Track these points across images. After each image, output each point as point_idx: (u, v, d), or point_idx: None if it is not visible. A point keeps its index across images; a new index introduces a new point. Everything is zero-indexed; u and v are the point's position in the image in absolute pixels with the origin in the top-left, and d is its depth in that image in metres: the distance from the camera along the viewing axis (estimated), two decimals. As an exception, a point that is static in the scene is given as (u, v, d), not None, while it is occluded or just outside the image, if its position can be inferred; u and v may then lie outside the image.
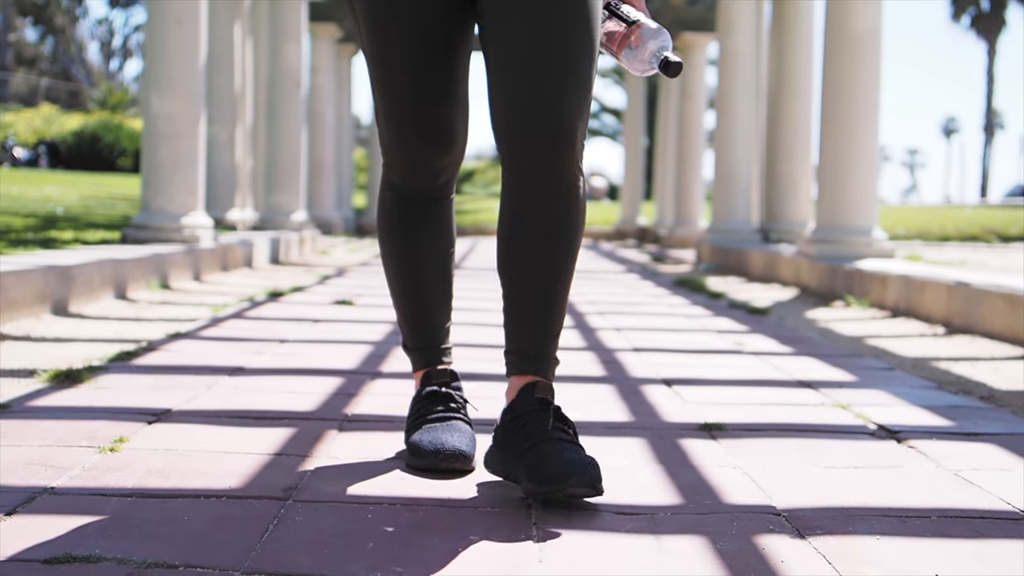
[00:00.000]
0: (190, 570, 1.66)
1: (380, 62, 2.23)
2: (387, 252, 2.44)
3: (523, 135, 2.11)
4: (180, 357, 3.91)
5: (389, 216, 2.40)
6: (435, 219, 2.40)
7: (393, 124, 2.26)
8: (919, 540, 1.94)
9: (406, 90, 2.22)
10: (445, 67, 2.23)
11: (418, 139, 2.26)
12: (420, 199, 2.37)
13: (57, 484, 2.14)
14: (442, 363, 2.46)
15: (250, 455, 2.43)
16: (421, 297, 2.43)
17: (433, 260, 2.42)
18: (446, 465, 2.26)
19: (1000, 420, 3.09)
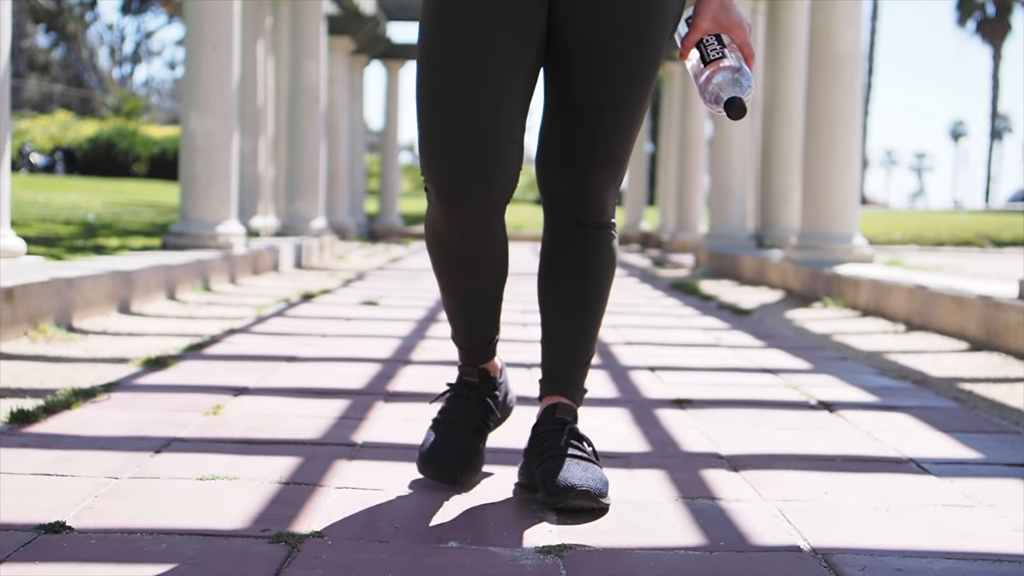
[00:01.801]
0: (293, 486, 2.37)
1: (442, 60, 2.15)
2: (435, 253, 2.38)
3: (565, 202, 2.34)
4: (240, 348, 4.62)
5: (433, 226, 2.31)
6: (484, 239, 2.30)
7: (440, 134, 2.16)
8: (822, 473, 2.65)
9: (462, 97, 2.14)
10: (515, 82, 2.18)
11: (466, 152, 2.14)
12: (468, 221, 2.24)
13: (182, 435, 2.85)
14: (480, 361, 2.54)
15: (320, 418, 3.14)
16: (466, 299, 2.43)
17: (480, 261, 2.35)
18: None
19: (920, 397, 3.80)
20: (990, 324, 5.21)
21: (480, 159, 2.13)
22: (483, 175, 2.14)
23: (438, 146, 2.15)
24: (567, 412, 2.39)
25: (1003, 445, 3.02)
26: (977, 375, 4.45)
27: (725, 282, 10.33)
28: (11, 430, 2.84)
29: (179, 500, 2.24)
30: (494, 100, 2.13)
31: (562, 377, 2.41)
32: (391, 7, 20.21)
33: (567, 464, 2.26)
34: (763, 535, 2.13)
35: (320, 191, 13.14)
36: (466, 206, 2.18)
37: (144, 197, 22.75)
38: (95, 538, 1.98)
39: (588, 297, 2.39)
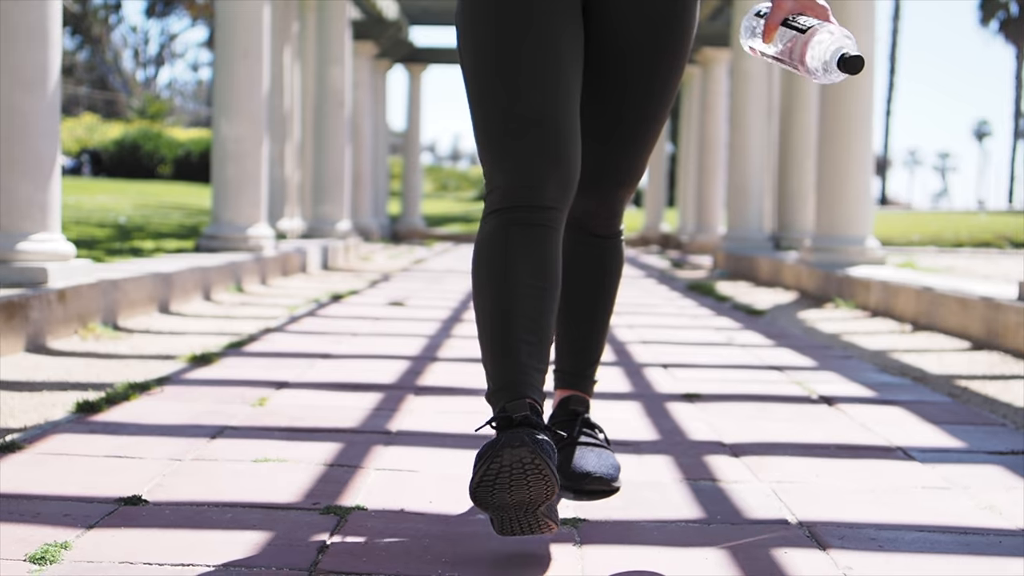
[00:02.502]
0: (337, 468, 2.65)
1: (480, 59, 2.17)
2: (479, 283, 2.17)
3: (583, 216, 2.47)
4: (277, 346, 4.91)
5: (485, 241, 2.15)
6: (535, 244, 2.12)
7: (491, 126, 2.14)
8: (815, 459, 2.91)
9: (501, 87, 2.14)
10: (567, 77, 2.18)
11: (526, 133, 2.11)
12: (522, 222, 2.11)
13: (232, 424, 3.13)
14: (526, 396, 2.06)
15: (356, 409, 3.41)
16: (509, 325, 2.11)
17: (528, 285, 2.12)
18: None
19: (916, 393, 4.05)
20: (991, 324, 5.46)
21: (555, 137, 2.11)
22: (558, 154, 2.12)
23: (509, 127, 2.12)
24: (580, 403, 2.59)
25: (987, 436, 3.27)
26: (974, 372, 4.70)
27: (741, 283, 10.57)
28: (78, 419, 3.13)
29: (238, 479, 2.52)
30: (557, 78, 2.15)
31: (576, 373, 2.60)
32: (413, 12, 20.51)
33: (582, 452, 2.45)
34: (756, 510, 2.39)
35: (345, 194, 13.43)
36: (539, 192, 2.11)
37: (171, 199, 23.11)
38: (168, 509, 2.26)
39: (601, 303, 2.57)
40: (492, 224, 2.14)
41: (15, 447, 2.73)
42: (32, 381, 3.84)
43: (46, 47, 4.96)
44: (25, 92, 4.90)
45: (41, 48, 4.93)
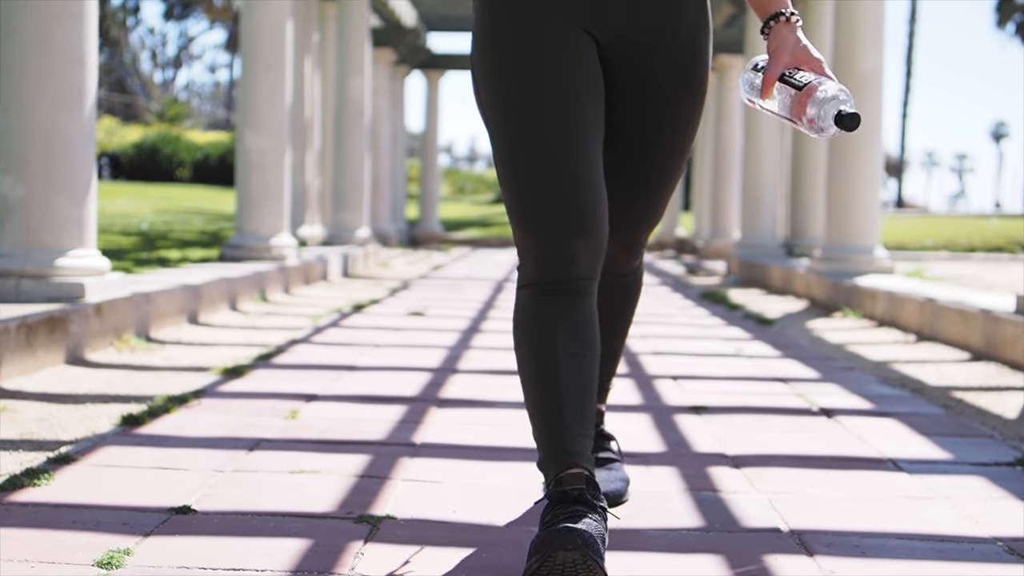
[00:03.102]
0: (367, 478, 2.87)
1: (508, 144, 2.22)
2: (522, 357, 2.26)
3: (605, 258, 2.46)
4: (304, 358, 5.14)
5: (524, 316, 2.25)
6: (572, 314, 2.21)
7: (522, 206, 2.20)
8: (811, 470, 3.13)
9: (531, 169, 2.20)
10: (576, 150, 2.21)
11: (555, 223, 2.17)
12: (556, 292, 2.20)
13: (268, 436, 3.36)
14: (577, 466, 2.16)
15: (382, 422, 3.64)
16: (556, 399, 2.19)
17: (570, 357, 2.20)
18: None
19: (912, 405, 4.26)
20: (989, 336, 5.66)
21: (585, 215, 2.18)
22: (589, 229, 2.18)
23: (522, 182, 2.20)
24: (596, 416, 2.71)
25: (974, 447, 3.48)
26: (971, 384, 4.91)
27: (754, 291, 10.78)
28: (124, 431, 3.37)
29: (277, 489, 2.74)
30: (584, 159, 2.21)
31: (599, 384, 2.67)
32: (431, 19, 20.75)
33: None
34: (752, 519, 2.61)
35: (364, 201, 13.67)
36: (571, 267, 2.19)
37: (191, 204, 23.38)
38: (216, 518, 2.49)
39: (618, 326, 2.68)
40: (528, 298, 2.24)
41: (69, 459, 2.97)
42: (76, 394, 4.08)
43: (83, 71, 5.19)
44: (64, 114, 5.13)
45: (79, 72, 5.17)
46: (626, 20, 2.26)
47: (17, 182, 5.09)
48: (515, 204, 2.21)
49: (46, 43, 5.06)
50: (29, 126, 5.08)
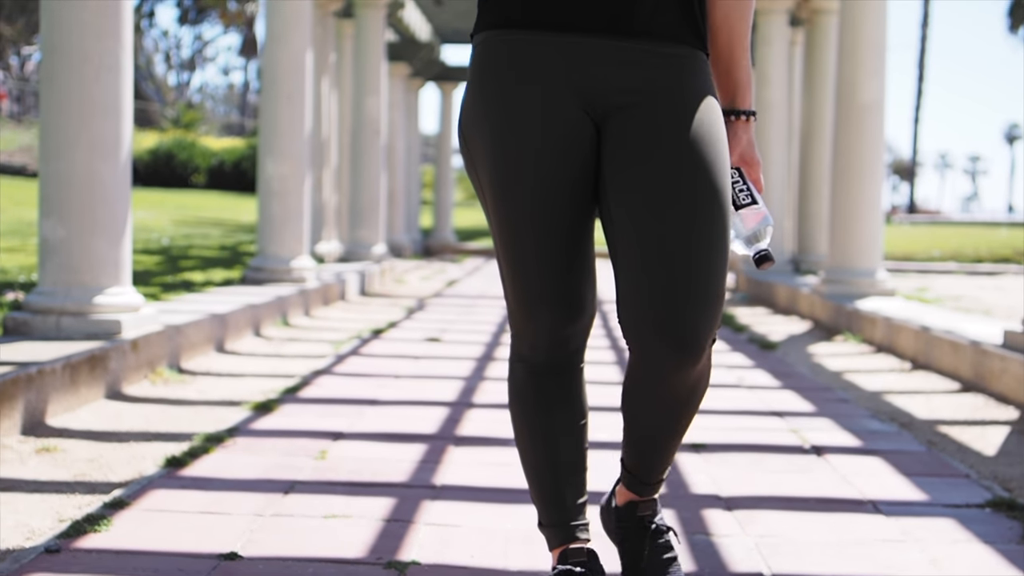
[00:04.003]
0: (393, 523, 3.18)
1: (508, 237, 2.26)
2: (519, 428, 2.43)
3: (652, 341, 2.20)
4: (328, 391, 5.45)
5: (520, 391, 2.40)
6: (566, 390, 2.38)
7: (520, 295, 2.29)
8: (797, 512, 3.43)
9: (534, 263, 2.25)
10: (573, 240, 2.25)
11: (546, 308, 2.27)
12: (550, 370, 2.36)
13: (301, 478, 3.68)
14: (578, 540, 2.40)
15: (404, 462, 3.95)
16: (556, 473, 2.39)
17: (566, 433, 2.39)
18: None
19: (898, 441, 4.56)
20: (978, 368, 5.95)
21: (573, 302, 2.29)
22: (576, 313, 2.30)
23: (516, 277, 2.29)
24: (649, 508, 2.51)
25: (950, 488, 3.78)
26: (957, 417, 5.21)
27: (760, 309, 11.07)
28: (169, 473, 3.68)
29: (313, 534, 3.06)
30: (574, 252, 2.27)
31: (648, 481, 2.48)
32: (445, 32, 21.08)
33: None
34: (739, 563, 2.92)
35: (380, 219, 13.98)
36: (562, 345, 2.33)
37: (208, 214, 23.72)
38: (261, 564, 2.80)
39: (681, 421, 2.38)
40: (523, 374, 2.39)
41: (122, 504, 3.28)
42: (119, 431, 4.40)
43: (119, 120, 5.51)
44: (101, 161, 5.45)
45: (115, 121, 5.49)
46: (617, 85, 2.19)
47: (58, 224, 5.41)
48: (509, 284, 2.30)
49: (85, 96, 5.37)
50: (69, 173, 5.39)
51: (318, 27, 13.57)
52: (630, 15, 2.17)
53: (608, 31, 2.18)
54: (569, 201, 2.23)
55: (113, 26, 5.44)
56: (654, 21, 2.19)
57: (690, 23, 2.23)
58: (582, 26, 2.17)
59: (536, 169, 2.21)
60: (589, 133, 2.23)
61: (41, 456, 3.95)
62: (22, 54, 53.41)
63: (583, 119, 2.22)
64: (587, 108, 2.22)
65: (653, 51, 2.20)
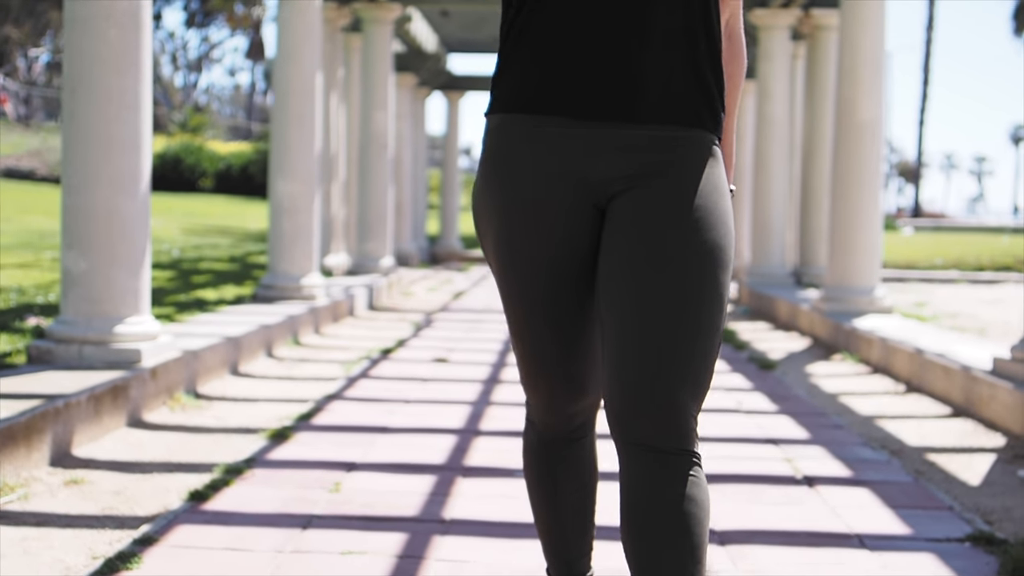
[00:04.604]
0: (406, 559, 3.39)
1: (513, 315, 2.31)
2: (530, 483, 2.52)
3: (629, 416, 2.09)
4: (340, 418, 5.66)
5: (531, 451, 2.50)
6: (575, 458, 2.46)
7: (526, 369, 2.36)
8: (786, 547, 3.63)
9: (538, 343, 2.30)
10: (577, 323, 2.29)
11: (550, 386, 2.34)
12: (558, 439, 2.44)
13: (317, 512, 3.88)
14: None
15: (414, 494, 4.16)
16: (563, 532, 2.51)
17: (574, 498, 2.49)
18: None
19: (887, 471, 4.76)
20: (968, 393, 6.15)
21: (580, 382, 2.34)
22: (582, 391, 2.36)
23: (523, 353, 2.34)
24: None
25: (933, 521, 3.98)
26: (945, 444, 5.41)
27: (761, 324, 11.27)
28: (192, 508, 3.89)
29: (331, 571, 3.26)
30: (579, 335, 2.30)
31: None
32: (452, 42, 21.28)
33: None
34: (729, 601, 3.12)
35: (388, 231, 14.20)
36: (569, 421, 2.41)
37: (216, 221, 23.95)
38: (283, 602, 3.01)
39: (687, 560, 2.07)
40: (532, 436, 2.48)
41: (151, 540, 3.49)
42: (142, 462, 4.61)
43: (139, 155, 5.71)
44: (121, 196, 5.65)
45: (135, 157, 5.69)
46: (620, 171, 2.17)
47: (80, 257, 5.62)
48: (516, 354, 2.36)
49: (106, 133, 5.58)
50: (90, 207, 5.60)
51: (327, 43, 13.77)
52: (637, 102, 2.15)
53: (616, 118, 2.16)
54: (573, 286, 2.25)
55: (133, 64, 5.64)
56: (662, 107, 2.16)
57: (704, 103, 2.19)
58: (589, 113, 2.16)
59: (540, 256, 2.22)
60: (593, 218, 2.23)
61: (70, 489, 4.16)
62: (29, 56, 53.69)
63: (587, 205, 2.21)
64: (591, 194, 2.20)
65: (659, 136, 2.17)
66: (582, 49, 2.14)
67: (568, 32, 2.15)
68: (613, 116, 2.16)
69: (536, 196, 2.22)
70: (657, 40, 2.14)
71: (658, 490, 2.07)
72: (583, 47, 2.14)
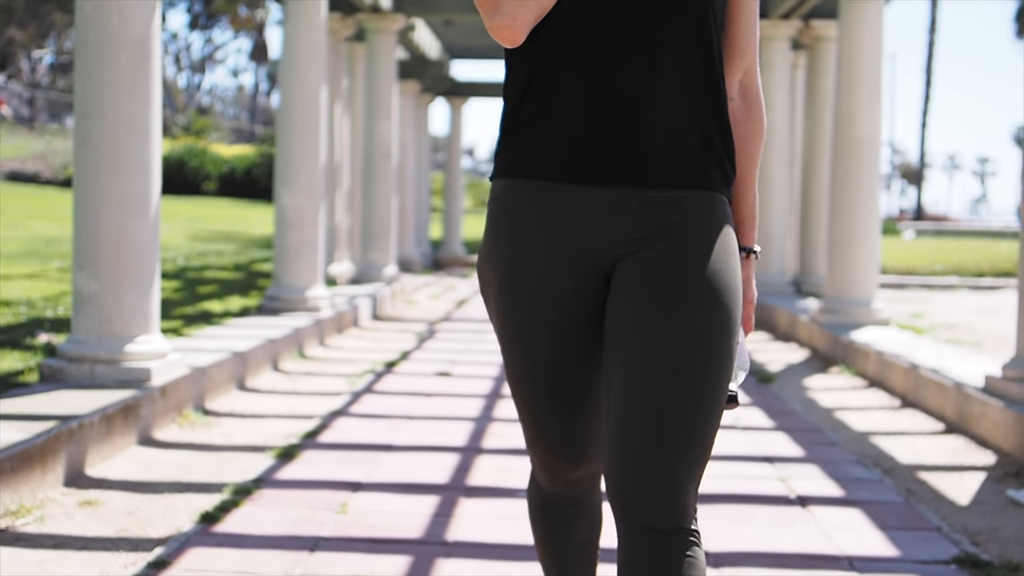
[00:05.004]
0: None
1: (517, 379, 2.27)
2: (534, 530, 2.50)
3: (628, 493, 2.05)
4: (345, 435, 5.79)
5: (534, 505, 2.47)
6: (577, 517, 2.44)
7: (528, 435, 2.33)
8: (778, 570, 3.76)
9: (538, 410, 2.27)
10: (581, 390, 2.25)
11: (551, 455, 2.31)
12: (561, 500, 2.41)
13: (324, 534, 4.01)
14: None
15: (418, 515, 4.29)
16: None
17: (576, 550, 2.47)
18: None
19: (879, 491, 4.88)
20: (961, 411, 6.27)
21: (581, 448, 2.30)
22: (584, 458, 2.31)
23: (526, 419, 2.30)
24: None
25: (921, 543, 4.11)
26: (937, 462, 5.54)
27: (761, 335, 11.39)
28: (204, 530, 4.02)
29: (337, 595, 3.39)
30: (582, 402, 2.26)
31: None
32: (455, 49, 21.40)
33: None
34: (721, 626, 3.25)
35: (391, 240, 14.33)
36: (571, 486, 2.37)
37: (219, 226, 24.09)
38: (293, 627, 3.13)
39: None
40: (538, 496, 2.44)
41: (164, 563, 3.63)
42: (153, 482, 4.75)
43: (148, 179, 5.84)
44: (131, 219, 5.78)
45: (145, 180, 5.82)
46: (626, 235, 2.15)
47: (91, 278, 5.75)
48: (522, 422, 2.32)
49: (115, 156, 5.71)
50: (101, 229, 5.73)
51: (331, 53, 13.90)
52: (644, 166, 2.13)
53: (621, 183, 2.13)
54: (576, 352, 2.22)
55: (143, 90, 5.77)
56: (667, 169, 2.14)
57: (710, 163, 2.17)
58: (595, 178, 2.14)
59: (544, 321, 2.20)
60: (598, 283, 2.20)
61: (85, 510, 4.29)
62: (33, 58, 53.86)
63: (592, 270, 2.18)
64: (596, 258, 2.17)
65: (665, 197, 2.15)
66: (585, 114, 2.13)
67: (571, 97, 2.14)
68: (618, 180, 2.14)
69: (541, 262, 2.19)
70: (660, 102, 2.13)
71: (654, 569, 2.03)
72: (586, 112, 2.13)
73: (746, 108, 2.30)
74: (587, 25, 2.13)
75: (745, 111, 2.30)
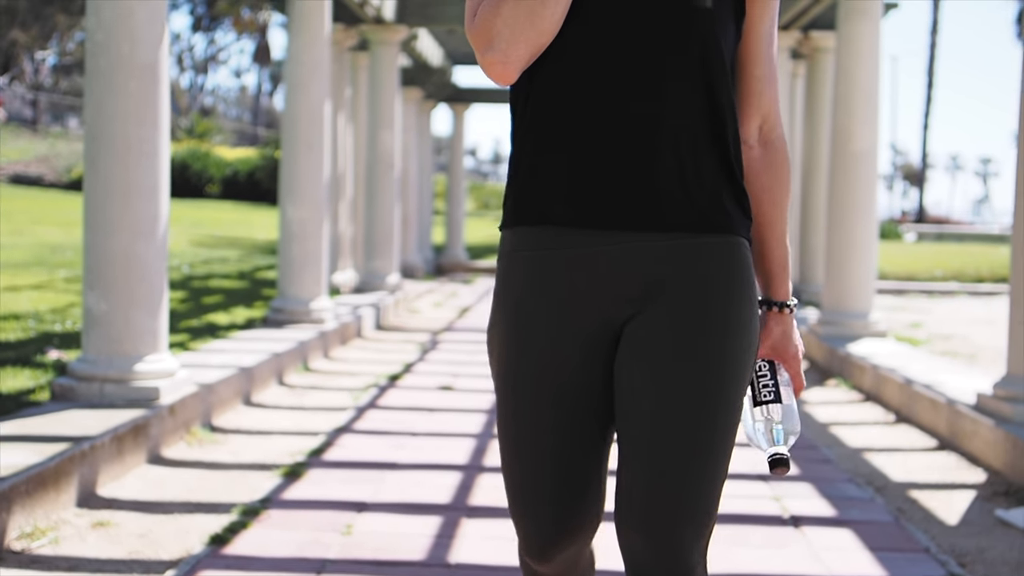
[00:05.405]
0: (416, 606, 3.65)
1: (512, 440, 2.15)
2: None
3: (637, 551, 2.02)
4: (350, 452, 5.92)
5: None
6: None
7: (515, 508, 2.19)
8: (769, 593, 3.89)
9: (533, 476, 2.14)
10: (578, 458, 2.14)
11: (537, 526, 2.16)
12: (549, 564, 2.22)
13: (330, 556, 4.14)
14: None
15: (422, 537, 4.41)
16: None
17: None
18: None
19: (870, 510, 5.01)
20: (953, 427, 6.40)
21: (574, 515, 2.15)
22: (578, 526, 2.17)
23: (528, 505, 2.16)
24: None
25: (909, 564, 4.23)
26: (929, 480, 5.66)
27: (759, 344, 11.50)
28: (213, 552, 4.15)
29: (344, 619, 3.52)
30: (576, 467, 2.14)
31: None
32: (457, 55, 21.52)
33: None
34: (712, 650, 3.37)
35: (394, 248, 14.46)
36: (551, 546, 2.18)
37: (223, 231, 24.24)
38: (301, 651, 3.27)
39: None
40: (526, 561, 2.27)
41: (177, 585, 3.76)
42: (164, 502, 4.88)
43: (157, 201, 5.98)
44: (141, 240, 5.91)
45: (153, 203, 5.95)
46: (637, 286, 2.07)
47: (101, 299, 5.88)
48: (508, 492, 2.19)
49: (125, 180, 5.84)
50: (111, 251, 5.86)
51: (334, 63, 14.04)
52: (652, 210, 2.05)
53: (626, 226, 2.05)
54: (578, 415, 2.12)
55: (152, 115, 5.91)
56: (685, 211, 2.05)
57: (731, 203, 2.09)
58: (598, 222, 2.05)
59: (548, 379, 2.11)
60: (609, 339, 2.11)
61: (97, 531, 4.42)
62: (36, 59, 54.02)
63: (602, 327, 2.10)
64: (606, 314, 2.09)
65: (680, 244, 2.06)
66: (589, 158, 2.05)
67: (573, 141, 2.06)
68: (623, 224, 2.04)
69: (543, 321, 2.11)
70: (666, 142, 2.04)
71: None
72: (589, 156, 2.05)
73: (767, 157, 2.18)
74: (588, 63, 2.06)
75: (766, 160, 2.18)
